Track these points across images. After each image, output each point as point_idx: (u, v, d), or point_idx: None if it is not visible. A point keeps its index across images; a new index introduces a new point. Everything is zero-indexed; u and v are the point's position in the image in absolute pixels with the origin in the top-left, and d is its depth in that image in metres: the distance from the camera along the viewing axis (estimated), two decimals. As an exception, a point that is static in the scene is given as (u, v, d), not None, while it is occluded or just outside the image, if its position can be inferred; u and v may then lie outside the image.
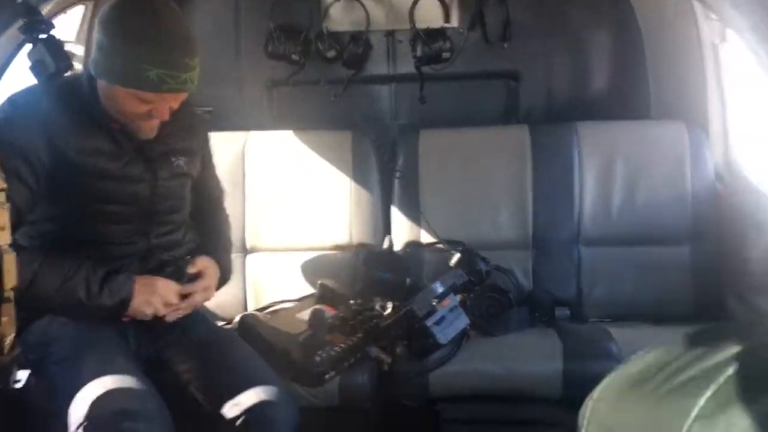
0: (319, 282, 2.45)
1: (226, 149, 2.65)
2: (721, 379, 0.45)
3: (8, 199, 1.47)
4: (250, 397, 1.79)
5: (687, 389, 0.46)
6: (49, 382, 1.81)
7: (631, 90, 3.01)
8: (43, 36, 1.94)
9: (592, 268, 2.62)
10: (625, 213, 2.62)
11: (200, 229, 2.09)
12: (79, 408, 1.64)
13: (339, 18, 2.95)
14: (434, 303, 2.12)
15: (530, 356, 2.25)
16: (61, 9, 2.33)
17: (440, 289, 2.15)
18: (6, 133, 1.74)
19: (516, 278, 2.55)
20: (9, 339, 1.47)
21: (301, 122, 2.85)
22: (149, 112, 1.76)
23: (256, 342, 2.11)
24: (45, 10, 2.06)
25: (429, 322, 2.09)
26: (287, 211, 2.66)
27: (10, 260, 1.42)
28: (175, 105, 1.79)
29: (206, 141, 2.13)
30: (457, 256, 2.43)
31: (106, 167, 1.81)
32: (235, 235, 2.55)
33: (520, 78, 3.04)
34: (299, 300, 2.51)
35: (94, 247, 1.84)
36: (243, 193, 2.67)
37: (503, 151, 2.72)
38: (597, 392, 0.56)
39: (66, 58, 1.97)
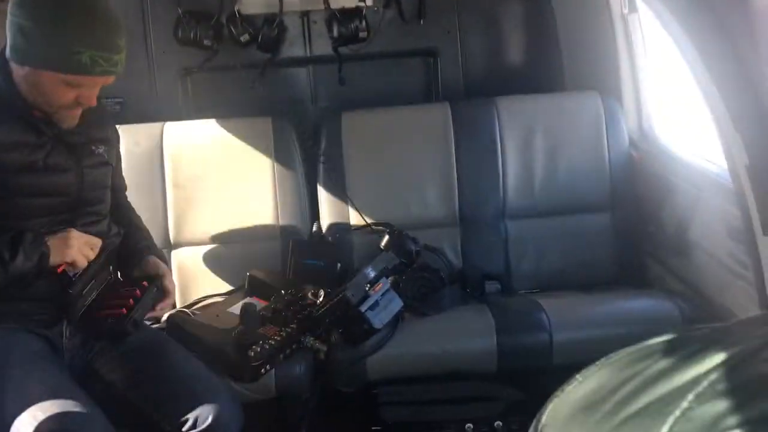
0: (248, 273, 2.40)
1: (143, 141, 2.56)
2: (678, 411, 0.43)
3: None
4: (202, 408, 1.73)
5: (643, 421, 0.44)
6: None
7: (545, 62, 3.06)
8: None
9: (519, 240, 2.67)
10: (548, 185, 2.67)
11: (122, 224, 2.02)
12: None
13: (251, 0, 2.86)
14: (367, 288, 2.11)
15: (464, 334, 2.28)
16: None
17: (372, 274, 2.14)
18: None
19: (446, 256, 2.57)
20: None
21: (219, 110, 2.77)
22: (76, 98, 1.68)
23: (186, 340, 2.05)
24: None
25: (363, 308, 2.08)
26: (210, 203, 2.58)
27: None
28: (98, 91, 1.71)
29: (117, 133, 2.05)
30: (386, 238, 2.42)
31: (28, 160, 1.71)
32: (158, 230, 2.48)
33: (438, 55, 3.05)
34: (228, 293, 2.46)
35: None
36: (163, 186, 2.57)
37: (426, 129, 2.72)
38: (544, 417, 0.53)
39: None
